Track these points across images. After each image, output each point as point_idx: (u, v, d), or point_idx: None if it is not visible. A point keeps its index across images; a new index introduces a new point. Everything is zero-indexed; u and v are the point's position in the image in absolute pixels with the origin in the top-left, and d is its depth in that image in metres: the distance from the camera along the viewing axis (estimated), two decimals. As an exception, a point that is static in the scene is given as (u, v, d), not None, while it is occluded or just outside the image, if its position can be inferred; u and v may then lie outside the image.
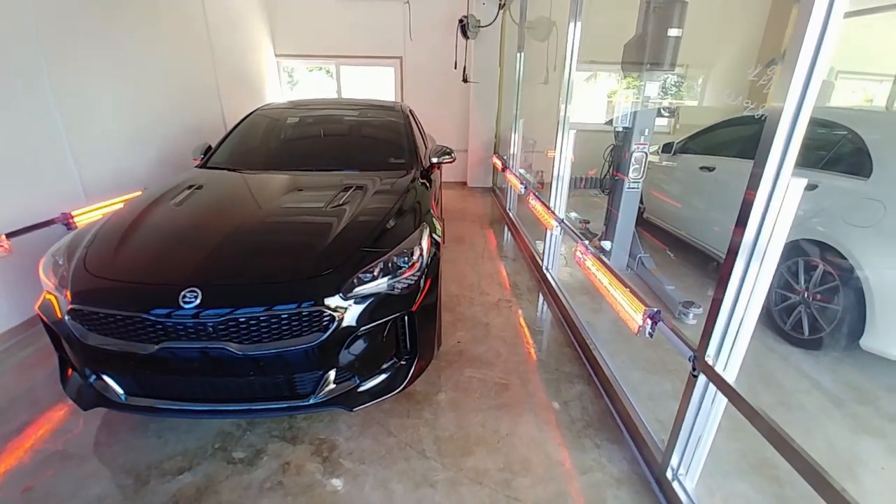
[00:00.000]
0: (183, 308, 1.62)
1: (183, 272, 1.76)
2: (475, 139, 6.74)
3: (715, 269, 3.49)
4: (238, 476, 1.77)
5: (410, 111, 3.78)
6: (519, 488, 1.74)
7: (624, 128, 3.40)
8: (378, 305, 1.82)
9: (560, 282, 3.38)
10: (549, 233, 3.48)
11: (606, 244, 2.52)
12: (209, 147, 3.24)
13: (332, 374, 1.82)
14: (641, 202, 3.52)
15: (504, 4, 5.78)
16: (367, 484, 1.75)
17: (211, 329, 1.64)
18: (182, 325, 1.64)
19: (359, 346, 1.81)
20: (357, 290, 1.78)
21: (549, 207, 3.31)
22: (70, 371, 1.94)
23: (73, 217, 3.01)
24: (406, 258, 1.94)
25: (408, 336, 1.96)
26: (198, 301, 1.62)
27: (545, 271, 3.58)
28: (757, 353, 2.67)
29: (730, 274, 1.34)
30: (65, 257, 1.90)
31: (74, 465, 1.82)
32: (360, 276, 1.81)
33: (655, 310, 1.73)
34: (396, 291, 1.88)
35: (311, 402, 1.81)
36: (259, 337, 1.68)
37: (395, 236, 2.05)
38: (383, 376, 1.94)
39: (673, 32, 2.97)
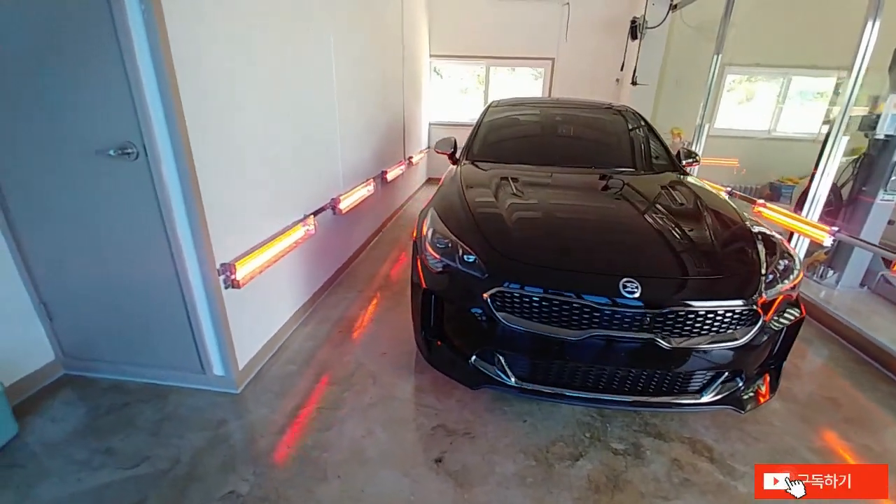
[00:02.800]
0: (625, 297, 1.64)
1: (617, 262, 1.79)
2: (621, 143, 6.61)
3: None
4: (636, 468, 1.78)
5: None
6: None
7: (886, 135, 3.20)
8: (781, 309, 1.79)
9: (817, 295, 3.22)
10: (798, 243, 3.33)
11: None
12: (454, 141, 3.33)
13: (724, 374, 1.80)
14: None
15: (676, 5, 5.62)
16: (779, 491, 1.71)
17: (648, 320, 1.66)
18: (619, 314, 1.66)
19: (757, 348, 1.77)
20: (770, 291, 1.75)
21: (805, 219, 3.15)
22: (439, 343, 2.02)
23: (338, 201, 3.20)
24: (788, 261, 1.90)
25: (781, 341, 1.91)
26: (639, 292, 1.64)
27: (779, 283, 3.42)
28: None
29: None
30: (447, 239, 1.97)
31: (465, 441, 1.89)
32: (768, 278, 1.77)
33: None
34: (792, 296, 1.83)
35: (704, 399, 1.80)
36: (690, 332, 1.68)
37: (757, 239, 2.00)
38: (760, 379, 1.90)
39: None
